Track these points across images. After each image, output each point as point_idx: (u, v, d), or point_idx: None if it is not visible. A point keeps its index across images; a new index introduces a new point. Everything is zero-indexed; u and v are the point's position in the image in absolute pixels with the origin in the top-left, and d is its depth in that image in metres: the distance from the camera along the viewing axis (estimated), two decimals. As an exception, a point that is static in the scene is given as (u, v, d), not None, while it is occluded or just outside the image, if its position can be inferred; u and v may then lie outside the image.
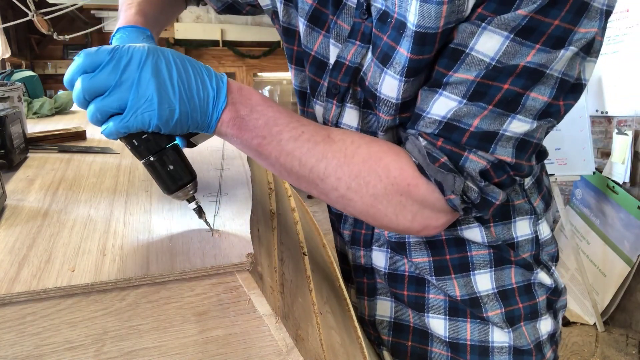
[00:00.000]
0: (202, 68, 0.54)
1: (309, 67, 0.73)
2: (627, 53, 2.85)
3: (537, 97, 0.54)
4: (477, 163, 0.55)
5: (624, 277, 2.76)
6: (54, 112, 1.34)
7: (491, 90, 0.54)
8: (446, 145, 0.56)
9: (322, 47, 0.70)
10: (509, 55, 0.52)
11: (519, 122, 0.54)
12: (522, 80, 0.53)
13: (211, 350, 0.48)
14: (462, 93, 0.55)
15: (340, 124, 0.70)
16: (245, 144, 0.57)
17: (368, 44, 0.65)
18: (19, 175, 0.74)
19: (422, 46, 0.55)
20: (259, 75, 7.61)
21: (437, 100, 0.56)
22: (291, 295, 0.61)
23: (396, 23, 0.58)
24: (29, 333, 0.44)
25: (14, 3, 3.10)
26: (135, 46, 0.50)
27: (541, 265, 0.77)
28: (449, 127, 0.56)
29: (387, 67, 0.59)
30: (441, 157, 0.55)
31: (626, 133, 2.80)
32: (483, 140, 0.55)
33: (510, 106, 0.54)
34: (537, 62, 0.52)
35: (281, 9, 0.75)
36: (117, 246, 0.52)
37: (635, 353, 2.65)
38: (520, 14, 0.51)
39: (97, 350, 0.46)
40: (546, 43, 0.52)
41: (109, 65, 0.48)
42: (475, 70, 0.54)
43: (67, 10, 3.33)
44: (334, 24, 0.67)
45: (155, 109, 0.49)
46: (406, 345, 0.81)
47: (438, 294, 0.76)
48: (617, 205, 2.86)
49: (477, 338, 0.75)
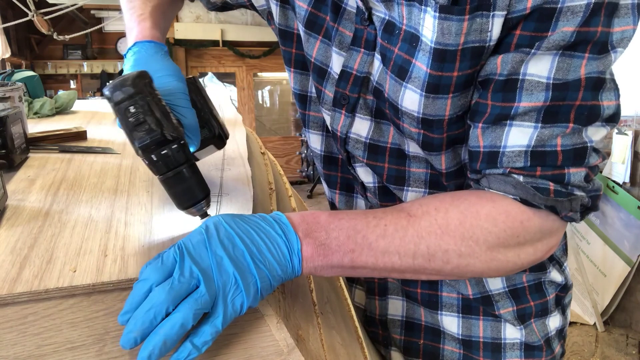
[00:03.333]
0: (258, 220, 0.51)
1: (311, 74, 0.72)
2: (627, 53, 2.83)
3: (610, 104, 0.54)
4: (579, 174, 0.54)
5: (624, 277, 2.76)
6: (55, 112, 1.34)
7: (563, 108, 0.53)
8: (546, 172, 0.54)
9: (320, 53, 0.69)
10: (563, 71, 0.52)
11: (594, 129, 0.54)
12: (589, 92, 0.52)
13: (211, 350, 0.49)
14: (534, 118, 0.53)
15: (350, 134, 0.69)
16: (338, 266, 0.53)
17: (373, 51, 0.64)
18: (20, 175, 0.74)
19: (442, 63, 0.54)
20: (259, 75, 7.60)
21: (511, 132, 0.55)
22: (292, 295, 0.61)
23: (406, 35, 0.57)
24: (30, 333, 0.45)
25: (14, 3, 3.11)
26: (195, 237, 0.47)
27: (554, 262, 0.77)
28: (538, 154, 0.54)
29: (406, 82, 0.58)
30: (549, 186, 0.54)
31: (626, 133, 2.80)
32: (577, 157, 0.54)
33: (590, 119, 0.53)
34: (594, 70, 0.52)
35: (277, 10, 0.73)
36: (118, 246, 0.52)
37: (635, 353, 2.65)
38: (567, 31, 0.50)
39: (98, 350, 0.46)
40: (593, 50, 0.52)
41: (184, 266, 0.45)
42: (539, 93, 0.53)
43: (67, 10, 3.34)
44: (335, 31, 0.66)
45: (242, 289, 0.46)
46: (418, 344, 0.81)
47: (451, 292, 0.76)
48: (617, 205, 2.86)
49: (490, 335, 0.76)
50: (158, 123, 0.52)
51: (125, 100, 0.52)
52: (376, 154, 0.69)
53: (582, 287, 2.90)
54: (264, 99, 8.19)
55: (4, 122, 0.74)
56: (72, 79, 7.02)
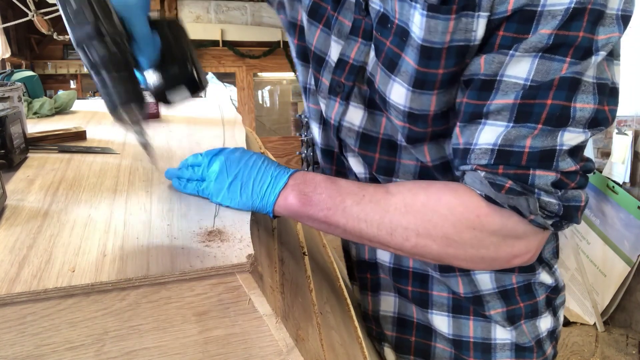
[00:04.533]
0: (270, 162, 0.65)
1: (311, 62, 0.74)
2: (627, 53, 2.83)
3: (584, 107, 0.53)
4: (547, 177, 0.54)
5: (624, 277, 2.76)
6: (54, 112, 1.33)
7: (535, 108, 0.53)
8: (508, 170, 0.54)
9: (320, 41, 0.71)
10: (543, 74, 0.52)
11: (571, 134, 0.53)
12: (562, 92, 0.52)
13: (211, 350, 0.49)
14: (507, 117, 0.54)
15: (343, 122, 0.71)
16: (314, 219, 0.62)
17: (370, 42, 0.65)
18: (19, 175, 0.74)
19: (428, 60, 0.56)
20: (259, 75, 7.60)
21: (483, 130, 0.56)
22: (291, 295, 0.61)
23: (398, 29, 0.59)
24: (29, 333, 0.45)
25: (14, 3, 3.11)
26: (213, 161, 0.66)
27: (543, 264, 0.77)
28: (503, 153, 0.54)
29: (395, 75, 0.60)
30: (505, 182, 0.54)
31: (626, 133, 2.80)
32: (544, 160, 0.53)
33: (560, 121, 0.53)
34: (571, 71, 0.52)
35: (287, 1, 0.76)
36: (117, 246, 0.52)
37: (635, 353, 2.65)
38: (545, 34, 0.51)
39: (97, 350, 0.46)
40: (575, 55, 0.52)
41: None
42: (513, 93, 0.53)
43: (67, 10, 3.33)
44: (335, 20, 0.68)
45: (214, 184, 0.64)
46: (410, 340, 0.81)
47: (442, 291, 0.76)
48: (617, 205, 2.86)
49: (480, 335, 0.76)
50: (94, 14, 0.51)
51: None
52: (368, 144, 0.71)
53: (582, 287, 2.91)
54: (264, 99, 8.19)
55: (3, 122, 0.74)
56: (72, 79, 7.02)
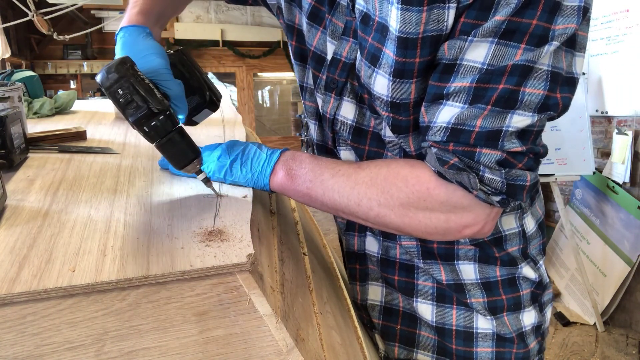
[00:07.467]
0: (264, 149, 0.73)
1: (309, 62, 0.78)
2: (627, 53, 2.84)
3: (533, 92, 0.57)
4: (491, 155, 0.58)
5: (624, 277, 2.76)
6: (54, 112, 1.34)
7: (488, 92, 0.57)
8: (457, 147, 0.59)
9: (320, 42, 0.75)
10: (498, 58, 0.56)
11: (519, 117, 0.57)
12: (514, 77, 0.56)
13: (211, 350, 0.49)
14: (463, 99, 0.58)
15: (338, 116, 0.75)
16: (300, 192, 0.69)
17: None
18: (20, 175, 0.74)
19: (404, 50, 0.59)
20: (259, 75, 7.60)
21: (442, 110, 0.60)
22: (291, 295, 0.61)
23: (378, 26, 0.62)
24: (29, 333, 0.45)
25: (14, 3, 3.11)
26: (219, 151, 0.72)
27: (528, 259, 0.80)
28: (455, 131, 0.59)
29: (378, 67, 0.64)
30: (450, 159, 0.59)
31: (626, 133, 2.80)
32: (490, 139, 0.58)
33: (508, 103, 0.57)
34: (524, 59, 0.55)
35: (284, 5, 0.79)
36: (117, 246, 0.52)
37: (635, 353, 2.65)
38: (498, 20, 0.55)
39: (97, 350, 0.46)
40: (530, 42, 0.55)
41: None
42: (470, 76, 0.57)
43: (67, 10, 3.33)
44: (329, 22, 0.73)
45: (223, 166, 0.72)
46: (395, 329, 0.84)
47: (426, 281, 0.80)
48: (617, 205, 2.86)
49: (463, 324, 0.79)
50: (144, 100, 0.62)
51: (113, 85, 0.61)
52: (359, 137, 0.75)
53: (582, 287, 2.91)
54: (264, 99, 8.20)
55: (3, 122, 0.74)
56: (72, 79, 7.02)
